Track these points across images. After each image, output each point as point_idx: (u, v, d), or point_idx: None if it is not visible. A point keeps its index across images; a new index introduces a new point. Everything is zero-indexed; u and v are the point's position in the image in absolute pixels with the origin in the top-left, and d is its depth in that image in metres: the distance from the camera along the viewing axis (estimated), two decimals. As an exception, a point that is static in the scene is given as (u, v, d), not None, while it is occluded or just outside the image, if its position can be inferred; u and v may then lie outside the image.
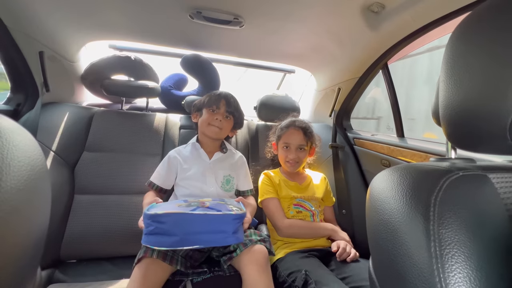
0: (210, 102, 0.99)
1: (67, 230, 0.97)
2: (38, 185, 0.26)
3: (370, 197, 0.37)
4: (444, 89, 0.36)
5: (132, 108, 1.39)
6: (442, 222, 0.26)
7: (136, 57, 1.32)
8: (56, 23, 1.01)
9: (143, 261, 0.68)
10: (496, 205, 0.29)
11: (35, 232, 0.27)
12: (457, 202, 0.27)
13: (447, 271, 0.24)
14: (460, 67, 0.34)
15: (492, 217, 0.27)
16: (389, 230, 0.30)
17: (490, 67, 0.30)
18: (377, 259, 0.33)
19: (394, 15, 0.89)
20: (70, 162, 1.06)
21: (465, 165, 0.34)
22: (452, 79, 0.35)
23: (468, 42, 0.34)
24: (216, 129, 0.97)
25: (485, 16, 0.33)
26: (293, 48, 1.28)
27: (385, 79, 1.20)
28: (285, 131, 1.13)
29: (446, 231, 0.25)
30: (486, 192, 0.29)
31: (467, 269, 0.24)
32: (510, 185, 0.31)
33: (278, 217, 1.02)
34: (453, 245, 0.25)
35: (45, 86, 1.08)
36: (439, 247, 0.25)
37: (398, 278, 0.28)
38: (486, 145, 0.34)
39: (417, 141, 1.06)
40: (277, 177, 1.14)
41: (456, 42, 0.36)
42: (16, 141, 0.24)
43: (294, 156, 1.09)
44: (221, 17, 0.99)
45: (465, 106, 0.33)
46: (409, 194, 0.30)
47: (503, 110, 0.29)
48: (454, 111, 0.35)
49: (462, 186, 0.29)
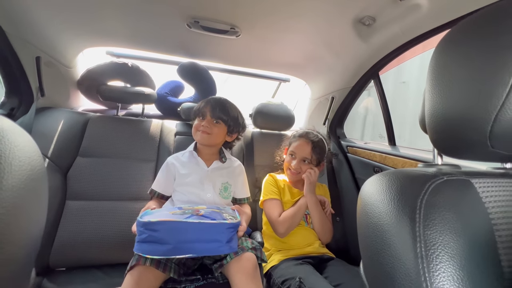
0: (197, 111, 1.00)
1: (57, 237, 0.95)
2: (37, 185, 0.27)
3: (361, 201, 0.38)
4: (429, 98, 0.38)
5: (127, 114, 1.40)
6: (428, 224, 0.27)
7: (133, 64, 1.33)
8: (54, 29, 1.02)
9: (135, 269, 0.67)
10: (478, 208, 0.30)
11: (33, 231, 0.27)
12: (442, 205, 0.29)
13: (432, 270, 0.25)
14: (444, 78, 0.36)
15: (474, 220, 0.29)
16: (378, 232, 0.31)
17: (471, 78, 0.33)
18: (367, 260, 0.34)
19: (384, 28, 0.93)
20: (63, 167, 1.04)
21: (450, 171, 0.35)
22: (436, 89, 0.37)
23: (451, 55, 0.36)
24: (203, 134, 0.96)
25: (466, 31, 0.35)
26: (288, 58, 1.31)
27: (376, 89, 1.24)
28: (296, 140, 1.14)
29: (431, 233, 0.27)
30: (469, 196, 0.31)
31: (450, 268, 0.25)
32: (491, 190, 0.33)
33: (277, 212, 1.04)
34: (438, 246, 0.26)
35: (40, 91, 1.07)
36: (425, 247, 0.26)
37: (386, 278, 0.29)
38: (469, 151, 0.35)
39: (407, 149, 1.08)
40: (282, 181, 1.15)
41: (440, 55, 0.38)
42: (17, 142, 0.25)
43: (297, 166, 1.09)
44: (218, 26, 1.01)
45: (448, 115, 0.35)
46: (397, 198, 0.31)
47: (484, 118, 0.31)
48: (438, 119, 0.37)
49: (446, 190, 0.30)
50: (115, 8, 0.94)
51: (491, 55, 0.31)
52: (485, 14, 0.33)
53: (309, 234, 1.07)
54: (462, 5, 0.72)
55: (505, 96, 0.29)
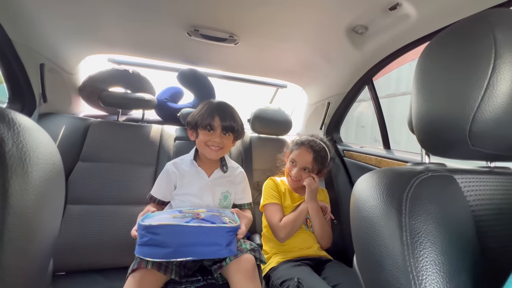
0: (204, 122, 0.89)
1: (58, 241, 0.96)
2: (57, 178, 0.29)
3: (353, 197, 0.41)
4: (415, 101, 0.42)
5: (128, 119, 1.42)
6: (413, 215, 0.30)
7: (134, 71, 1.36)
8: (58, 38, 1.06)
9: (137, 271, 0.68)
10: (461, 201, 0.33)
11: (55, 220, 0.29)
12: (426, 198, 0.31)
13: (416, 256, 0.27)
14: (428, 82, 0.40)
15: (456, 211, 0.31)
16: (369, 225, 0.34)
17: (451, 82, 0.36)
18: (359, 252, 0.37)
19: (376, 36, 0.98)
20: (64, 172, 1.06)
21: (435, 168, 0.38)
22: (421, 92, 0.40)
23: (433, 61, 0.40)
24: (215, 149, 0.91)
25: (445, 40, 0.39)
26: (285, 65, 1.36)
27: (370, 94, 1.28)
28: (297, 148, 1.12)
29: (416, 222, 0.29)
30: (451, 190, 0.34)
31: (432, 254, 0.27)
32: (473, 185, 0.36)
33: (278, 217, 1.04)
34: (421, 234, 0.28)
35: (43, 97, 1.10)
36: (410, 236, 0.29)
37: (376, 266, 0.31)
38: (452, 150, 0.38)
39: (402, 153, 1.12)
40: (283, 185, 1.16)
41: (424, 61, 0.41)
42: (40, 139, 0.27)
43: (297, 174, 1.09)
44: (217, 35, 1.05)
45: (432, 116, 0.38)
46: (386, 192, 0.34)
47: (463, 119, 0.34)
48: (424, 120, 0.40)
49: (431, 184, 0.33)
50: (117, 17, 0.97)
51: (467, 61, 0.34)
52: (462, 25, 0.36)
53: (308, 237, 1.09)
54: (447, 15, 0.77)
55: (480, 98, 0.32)
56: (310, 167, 1.09)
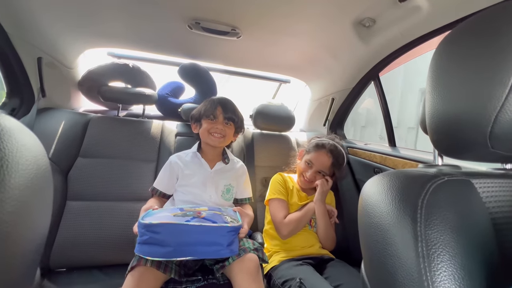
0: (207, 112, 0.97)
1: (58, 238, 0.95)
2: (43, 184, 0.27)
3: (362, 201, 0.38)
4: (429, 99, 0.39)
5: (128, 115, 1.40)
6: (429, 224, 0.27)
7: (134, 65, 1.34)
8: (56, 31, 1.03)
9: (136, 269, 0.67)
10: (479, 208, 0.31)
11: (39, 230, 0.27)
12: (443, 205, 0.29)
13: (433, 269, 0.25)
14: (444, 80, 0.37)
15: (475, 219, 0.29)
16: (379, 232, 0.31)
17: (470, 80, 0.33)
18: (368, 260, 0.35)
19: (385, 30, 0.94)
20: (63, 168, 1.05)
21: (450, 171, 0.35)
22: (436, 90, 0.38)
23: (451, 56, 0.37)
24: (218, 137, 0.96)
25: (465, 33, 0.36)
26: (289, 60, 1.32)
27: (376, 90, 1.24)
28: (316, 150, 1.09)
29: (432, 232, 0.27)
30: (469, 196, 0.31)
31: (451, 267, 0.25)
32: (492, 190, 0.33)
33: (282, 214, 1.03)
34: (439, 245, 0.26)
35: (41, 92, 1.08)
36: (426, 247, 0.26)
37: (388, 278, 0.29)
38: (469, 152, 0.36)
39: (408, 150, 1.09)
40: (291, 182, 1.14)
41: (440, 56, 0.38)
42: (24, 141, 0.25)
43: (311, 177, 1.07)
44: (219, 28, 1.02)
45: (449, 116, 0.36)
46: (398, 198, 0.32)
47: (484, 119, 0.31)
48: (439, 120, 0.37)
49: (447, 190, 0.31)
50: (116, 9, 0.95)
51: (489, 57, 0.31)
52: (483, 16, 0.33)
53: (311, 236, 1.07)
54: (462, 7, 0.73)
55: (504, 97, 0.29)
56: (326, 171, 1.08)
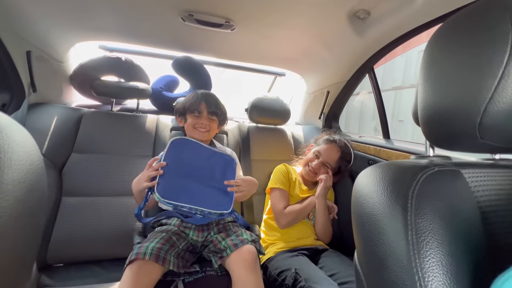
0: (192, 107, 0.99)
1: (54, 233, 0.95)
2: (36, 179, 0.27)
3: (355, 192, 0.39)
4: (421, 91, 0.39)
5: (122, 109, 1.38)
6: (419, 213, 0.28)
7: (127, 58, 1.31)
8: (45, 23, 1.00)
9: (134, 263, 0.68)
10: (468, 197, 0.32)
11: (33, 226, 0.27)
12: (432, 194, 0.30)
13: (422, 256, 0.26)
14: (435, 71, 0.37)
15: (463, 209, 0.30)
16: (371, 221, 0.32)
17: (461, 71, 0.33)
18: (361, 249, 0.36)
19: (379, 22, 0.94)
20: (57, 164, 1.04)
21: (441, 162, 0.36)
22: (428, 82, 0.38)
23: (442, 49, 0.37)
24: (203, 131, 0.99)
25: (455, 26, 0.36)
26: (283, 52, 1.31)
27: (371, 82, 1.25)
28: (327, 143, 1.14)
29: (422, 221, 0.28)
30: (459, 186, 0.32)
31: (439, 254, 0.26)
32: (480, 179, 0.34)
33: (283, 204, 1.05)
34: (428, 233, 0.27)
35: (32, 87, 1.06)
36: (416, 235, 0.27)
37: (379, 265, 0.30)
38: (459, 143, 0.37)
39: (401, 142, 1.10)
40: (294, 174, 1.16)
41: (432, 48, 0.39)
42: (15, 137, 0.25)
43: (316, 166, 1.10)
44: (213, 20, 1.00)
45: (440, 107, 0.36)
46: (390, 188, 0.32)
47: (473, 110, 0.32)
48: (430, 112, 0.38)
49: (437, 180, 0.32)
50: (107, 1, 0.92)
51: (480, 49, 0.31)
52: (474, 9, 0.34)
53: (307, 228, 1.09)
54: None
55: (494, 88, 0.30)
56: (333, 164, 1.11)
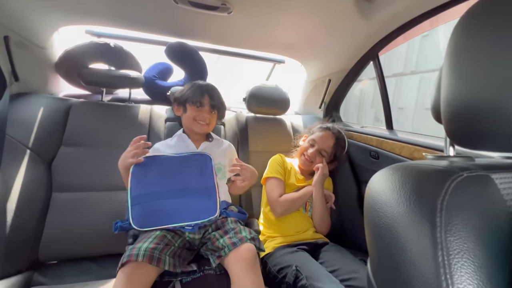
0: (194, 98, 0.96)
1: (46, 230, 0.92)
2: None
3: (369, 198, 0.35)
4: (446, 84, 0.34)
5: (113, 99, 1.31)
6: (450, 229, 0.24)
7: (116, 44, 1.23)
8: (23, 5, 0.91)
9: (127, 265, 0.64)
10: (501, 207, 0.28)
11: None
12: (464, 207, 0.26)
13: (456, 282, 0.22)
14: (465, 61, 0.32)
15: (499, 222, 0.26)
16: (391, 235, 0.28)
17: (498, 61, 0.29)
18: (377, 264, 0.32)
19: (387, 5, 0.87)
20: (46, 158, 0.98)
21: (467, 165, 0.32)
22: (455, 73, 0.33)
23: (474, 34, 0.32)
24: (203, 124, 0.96)
25: (492, 5, 0.31)
26: (283, 38, 1.24)
27: (375, 70, 1.19)
28: (321, 131, 1.14)
29: (455, 239, 0.24)
30: (491, 194, 0.28)
31: (477, 280, 0.22)
32: (511, 185, 0.31)
33: (277, 192, 1.04)
34: (462, 254, 0.23)
35: (13, 75, 0.98)
36: (447, 256, 0.23)
37: (401, 285, 0.26)
38: (489, 143, 0.32)
39: (405, 134, 1.06)
40: (290, 164, 1.15)
41: (460, 34, 0.34)
42: None
43: (312, 155, 1.09)
44: (208, 2, 0.93)
45: (468, 103, 0.32)
46: (413, 198, 0.28)
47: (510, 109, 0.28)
48: (456, 107, 0.33)
49: (468, 188, 0.28)
50: None
51: None
52: None
53: (304, 221, 1.07)
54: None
55: None
56: (328, 151, 1.11)
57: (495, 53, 0.29)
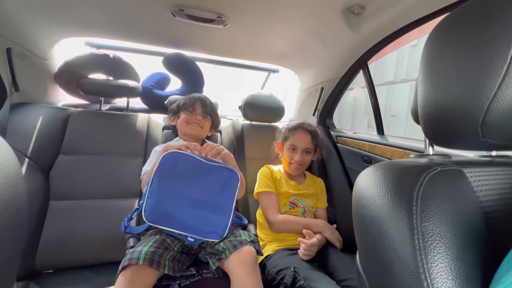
0: (186, 105, 1.03)
1: (42, 239, 0.92)
2: (13, 193, 0.24)
3: (356, 193, 0.38)
4: (422, 89, 0.38)
5: (111, 108, 1.34)
6: (425, 216, 0.27)
7: (115, 55, 1.27)
8: (26, 18, 0.95)
9: (128, 269, 0.65)
10: (471, 198, 0.31)
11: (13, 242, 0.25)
12: (437, 196, 0.29)
13: (430, 261, 0.25)
14: (436, 68, 0.36)
15: (468, 209, 0.29)
16: (375, 225, 0.31)
17: (463, 69, 0.32)
18: (363, 253, 0.35)
19: (374, 17, 0.93)
20: (44, 167, 0.99)
21: (442, 161, 0.36)
22: (429, 79, 0.37)
23: (444, 44, 0.36)
24: (196, 126, 1.00)
25: (458, 20, 0.35)
26: (277, 48, 1.29)
27: (365, 78, 1.24)
28: (293, 133, 1.13)
29: (428, 224, 0.27)
30: (462, 186, 0.31)
31: (448, 259, 0.25)
32: (482, 179, 0.34)
33: (273, 211, 1.03)
34: (435, 237, 0.26)
35: (14, 85, 1.00)
36: (422, 239, 0.26)
37: (384, 270, 0.29)
38: (461, 141, 0.36)
39: (396, 139, 1.11)
40: (278, 173, 1.15)
41: (432, 44, 0.38)
42: None
43: (300, 158, 1.09)
44: (204, 15, 0.97)
45: (441, 105, 0.35)
46: (393, 190, 0.31)
47: (476, 109, 0.31)
48: (431, 109, 0.37)
49: (441, 180, 0.31)
50: None
51: (483, 45, 0.30)
52: (476, 4, 0.33)
53: None
54: (451, -7, 0.73)
55: (497, 87, 0.29)
56: (311, 147, 1.12)
57: (461, 61, 0.33)
